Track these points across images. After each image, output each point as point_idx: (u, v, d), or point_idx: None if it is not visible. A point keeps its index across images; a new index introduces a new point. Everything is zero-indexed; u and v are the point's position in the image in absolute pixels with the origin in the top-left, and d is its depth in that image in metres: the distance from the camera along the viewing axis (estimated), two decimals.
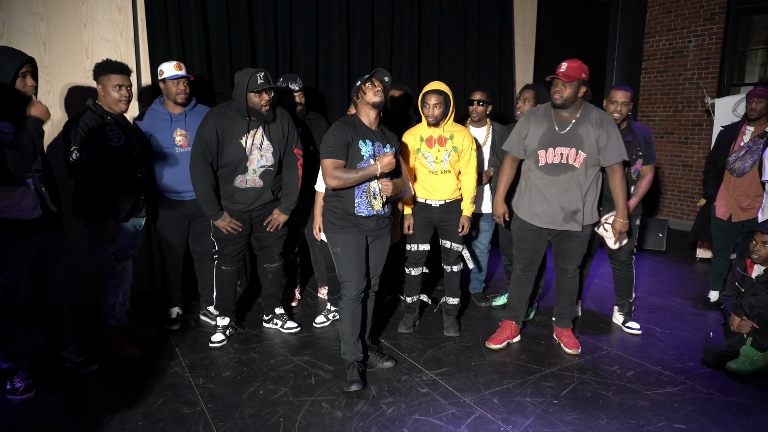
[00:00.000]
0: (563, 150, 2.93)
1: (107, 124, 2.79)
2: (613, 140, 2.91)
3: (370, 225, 2.76)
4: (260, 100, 2.88)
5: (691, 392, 2.70)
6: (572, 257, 3.12)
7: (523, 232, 3.15)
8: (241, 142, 2.94)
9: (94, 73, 2.83)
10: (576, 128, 2.91)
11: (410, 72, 4.90)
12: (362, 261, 2.74)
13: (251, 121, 2.94)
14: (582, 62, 2.88)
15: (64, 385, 2.69)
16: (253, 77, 2.84)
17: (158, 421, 2.38)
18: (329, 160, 2.64)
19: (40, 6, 3.36)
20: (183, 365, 2.91)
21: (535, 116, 3.04)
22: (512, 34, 5.65)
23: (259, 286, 3.54)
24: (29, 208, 2.45)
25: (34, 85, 2.47)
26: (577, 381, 2.80)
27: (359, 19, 4.53)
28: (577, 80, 2.84)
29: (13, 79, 2.38)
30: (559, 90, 2.88)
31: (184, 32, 3.77)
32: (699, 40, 6.38)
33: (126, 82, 2.84)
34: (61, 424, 2.36)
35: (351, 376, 2.73)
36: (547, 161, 2.96)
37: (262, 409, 2.48)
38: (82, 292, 3.57)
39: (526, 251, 3.17)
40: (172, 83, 3.14)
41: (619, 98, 3.20)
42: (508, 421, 2.42)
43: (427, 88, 3.08)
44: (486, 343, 3.25)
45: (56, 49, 3.44)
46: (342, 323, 2.78)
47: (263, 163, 3.03)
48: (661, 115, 6.78)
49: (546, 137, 2.96)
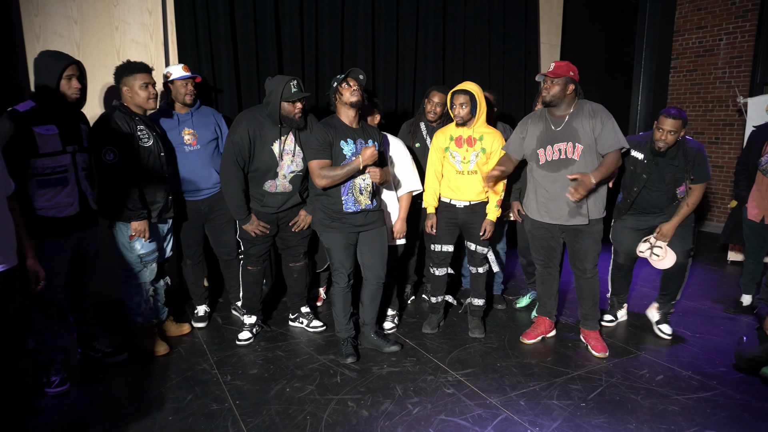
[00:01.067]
0: (560, 145, 2.99)
1: (136, 124, 2.81)
2: (608, 128, 2.93)
3: (359, 220, 2.94)
4: (294, 109, 2.91)
5: (724, 398, 2.64)
6: (587, 256, 3.11)
7: (535, 231, 3.21)
8: (273, 148, 2.97)
9: (116, 75, 2.84)
10: (570, 123, 2.98)
11: (434, 72, 4.89)
12: (351, 255, 3.01)
13: (282, 127, 2.97)
14: (570, 62, 2.97)
15: (96, 379, 2.76)
16: (287, 86, 2.86)
17: (188, 417, 2.42)
18: (315, 161, 2.82)
19: (74, 10, 3.45)
20: (211, 362, 2.95)
21: (532, 118, 3.13)
22: (538, 33, 5.60)
23: (284, 284, 3.57)
24: (65, 205, 2.54)
25: (79, 87, 2.55)
26: (605, 384, 2.77)
27: (384, 20, 4.54)
28: (564, 77, 2.91)
29: (58, 81, 2.46)
30: (547, 87, 2.96)
31: (212, 34, 3.83)
32: (730, 38, 6.23)
33: (152, 80, 2.85)
34: (94, 418, 2.42)
35: (346, 350, 3.02)
36: (547, 159, 3.03)
37: (289, 407, 2.51)
38: (110, 289, 3.65)
39: (541, 249, 3.22)
40: (181, 84, 3.16)
41: (667, 126, 3.02)
42: (535, 424, 2.40)
43: (455, 88, 3.08)
44: (520, 338, 3.30)
45: (89, 51, 3.53)
46: (335, 307, 3.06)
47: (293, 168, 3.05)
48: (691, 114, 6.64)
49: (543, 136, 3.04)
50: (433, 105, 3.52)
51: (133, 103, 2.84)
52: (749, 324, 3.60)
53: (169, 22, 3.76)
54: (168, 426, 2.35)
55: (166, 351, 3.02)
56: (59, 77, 2.47)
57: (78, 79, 2.55)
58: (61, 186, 2.53)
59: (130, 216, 2.76)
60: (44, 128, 2.44)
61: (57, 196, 2.51)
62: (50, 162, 2.48)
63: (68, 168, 2.55)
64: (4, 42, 3.17)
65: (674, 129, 3.00)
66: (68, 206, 2.56)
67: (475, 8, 5.05)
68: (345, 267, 2.97)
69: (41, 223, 2.46)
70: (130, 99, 2.83)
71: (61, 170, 2.52)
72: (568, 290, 4.13)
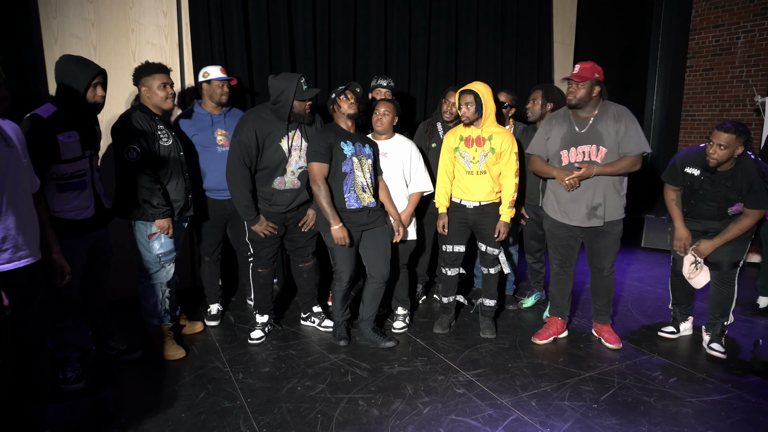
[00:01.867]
0: (584, 148, 2.99)
1: (156, 123, 2.83)
2: (632, 132, 2.94)
3: (362, 219, 3.04)
4: (305, 106, 2.98)
5: (739, 401, 2.61)
6: (606, 255, 3.13)
7: (555, 230, 3.20)
8: (281, 145, 3.00)
9: (134, 76, 2.85)
10: (595, 125, 2.97)
11: (447, 73, 4.88)
12: (353, 254, 3.10)
13: (290, 123, 3.01)
14: (595, 63, 2.94)
15: (110, 377, 2.80)
16: (299, 85, 2.93)
17: (200, 414, 2.44)
18: (316, 163, 2.95)
19: (91, 13, 3.51)
20: (224, 360, 2.98)
21: (556, 119, 3.12)
22: (551, 33, 5.57)
23: (295, 283, 3.58)
24: (83, 208, 2.58)
25: (103, 95, 2.59)
26: (617, 386, 2.74)
27: (396, 19, 4.55)
28: (590, 80, 2.90)
29: (86, 90, 2.50)
30: (573, 90, 2.95)
31: (226, 36, 3.87)
32: (748, 36, 6.14)
33: (169, 80, 2.87)
34: (107, 414, 2.45)
35: (340, 333, 3.23)
36: (570, 161, 3.03)
37: (300, 405, 2.53)
38: (125, 287, 3.71)
39: (560, 248, 3.22)
40: (217, 85, 3.24)
41: (718, 139, 2.82)
42: (546, 425, 2.39)
43: (461, 89, 3.11)
44: (532, 339, 3.29)
45: (105, 52, 3.58)
46: (334, 299, 3.22)
47: (301, 164, 3.08)
48: (707, 114, 6.56)
49: (567, 138, 3.03)
50: (449, 105, 3.53)
51: (151, 103, 2.85)
52: (766, 327, 3.55)
53: (184, 24, 3.80)
54: (180, 423, 2.38)
55: (182, 356, 3.00)
56: (87, 86, 2.50)
57: (102, 86, 2.58)
58: (80, 190, 2.57)
59: (154, 214, 2.76)
60: (66, 135, 2.47)
61: (76, 200, 2.55)
62: (71, 167, 2.52)
63: (86, 172, 2.60)
64: (24, 45, 3.23)
65: (726, 144, 2.79)
66: (86, 209, 2.60)
67: (487, 8, 5.04)
68: (347, 266, 3.07)
69: (59, 225, 2.50)
70: (148, 99, 2.85)
71: (80, 174, 2.56)
72: (581, 291, 4.10)
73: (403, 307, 3.52)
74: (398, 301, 3.52)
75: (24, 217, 1.86)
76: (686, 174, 3.04)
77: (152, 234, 2.84)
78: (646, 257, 5.41)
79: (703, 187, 2.99)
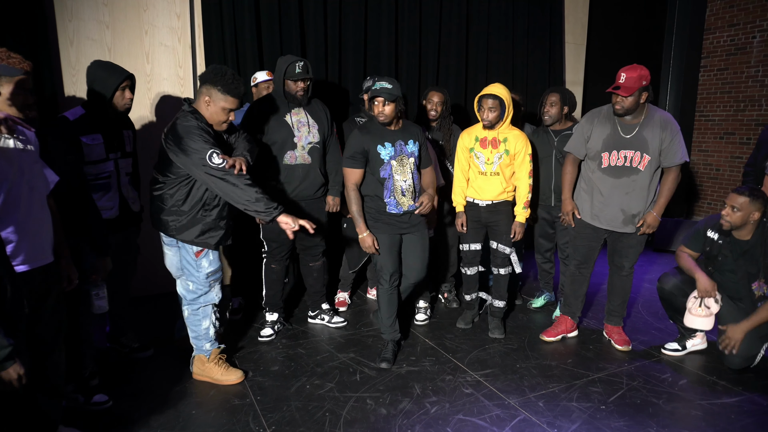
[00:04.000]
0: (627, 153, 2.94)
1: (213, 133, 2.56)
2: (676, 142, 2.91)
3: (403, 221, 2.94)
4: (296, 87, 3.07)
5: (749, 404, 2.59)
6: (629, 255, 3.13)
7: (580, 230, 3.19)
8: (286, 120, 3.10)
9: (205, 76, 2.51)
10: (641, 132, 2.92)
11: (458, 72, 4.88)
12: (395, 254, 2.97)
13: (289, 103, 3.12)
14: (641, 67, 2.84)
15: (123, 373, 2.84)
16: (291, 65, 3.03)
17: (210, 411, 2.48)
18: (347, 169, 2.88)
19: (106, 15, 3.57)
20: (234, 358, 3.02)
21: (599, 118, 3.06)
22: (562, 33, 5.54)
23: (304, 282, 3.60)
24: (106, 209, 2.63)
25: (131, 97, 2.65)
26: (626, 387, 2.74)
27: (407, 20, 4.56)
28: (638, 89, 2.82)
29: (113, 94, 2.55)
30: (620, 101, 2.88)
31: (238, 37, 3.91)
32: (764, 35, 6.05)
33: (237, 107, 2.56)
34: (119, 410, 2.50)
35: (385, 353, 3.01)
36: (611, 163, 2.99)
37: (309, 403, 2.55)
38: (136, 286, 3.76)
39: (582, 248, 3.21)
40: (264, 86, 3.58)
41: (731, 201, 2.77)
42: (554, 425, 2.39)
43: (484, 91, 3.08)
44: (540, 336, 3.31)
45: (120, 54, 3.64)
46: (380, 307, 3.01)
47: (311, 139, 3.16)
48: (721, 114, 6.48)
49: (610, 140, 2.98)
50: (433, 105, 3.54)
51: (207, 115, 2.53)
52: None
53: (197, 26, 3.85)
54: (191, 419, 2.42)
55: (240, 380, 2.75)
56: (115, 90, 2.55)
57: (130, 89, 2.63)
58: (104, 191, 2.63)
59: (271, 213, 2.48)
60: (90, 137, 2.53)
61: (99, 201, 2.59)
62: (94, 169, 2.57)
63: (111, 174, 2.65)
64: (40, 47, 3.29)
65: (740, 207, 2.73)
66: (108, 210, 2.65)
67: (498, 8, 5.03)
68: (388, 267, 2.91)
69: None
70: (205, 110, 2.52)
71: (104, 177, 2.62)
72: (593, 293, 4.08)
73: (425, 301, 3.62)
74: (420, 295, 3.59)
75: (39, 219, 1.91)
76: (707, 238, 2.97)
77: (199, 251, 2.62)
78: (658, 259, 5.37)
79: (722, 253, 2.91)
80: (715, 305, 2.89)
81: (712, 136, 6.53)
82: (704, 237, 2.99)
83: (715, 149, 6.52)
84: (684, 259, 3.01)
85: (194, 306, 2.71)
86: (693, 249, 3.04)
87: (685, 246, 3.07)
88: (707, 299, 2.89)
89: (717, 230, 2.93)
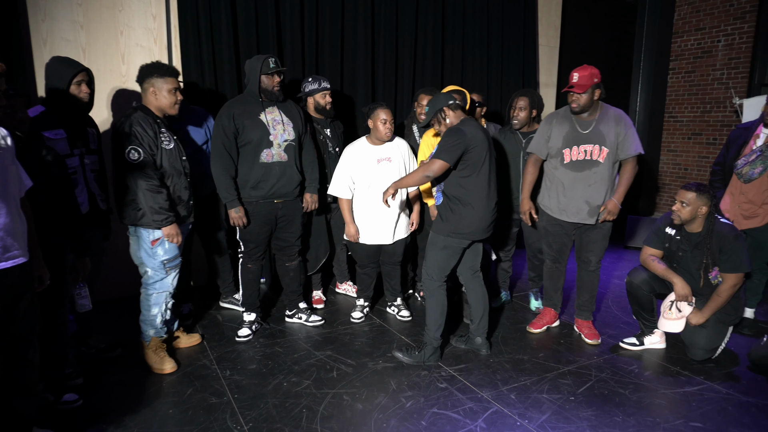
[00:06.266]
0: (587, 147, 3.09)
1: (159, 126, 2.73)
2: (630, 135, 3.07)
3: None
4: (272, 82, 3.11)
5: (710, 392, 2.71)
6: (594, 249, 3.26)
7: (550, 227, 3.32)
8: (261, 119, 3.12)
9: (140, 74, 2.72)
10: (598, 126, 3.09)
11: (434, 74, 4.96)
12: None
13: (264, 101, 3.14)
14: (591, 67, 3.02)
15: (98, 373, 2.84)
16: (266, 62, 3.09)
17: (188, 410, 2.50)
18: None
19: (81, 15, 3.55)
20: (211, 358, 3.03)
21: (557, 118, 3.21)
22: (536, 35, 5.67)
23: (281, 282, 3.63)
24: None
25: (88, 92, 2.64)
26: (594, 379, 2.83)
27: (384, 23, 4.62)
28: (590, 87, 2.99)
29: (68, 86, 2.56)
30: (575, 99, 3.05)
31: (215, 39, 3.92)
32: (729, 40, 6.27)
33: (179, 85, 2.79)
34: (95, 411, 2.50)
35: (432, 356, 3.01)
36: (572, 159, 3.13)
37: (286, 400, 2.59)
38: (108, 289, 3.75)
39: (554, 244, 3.34)
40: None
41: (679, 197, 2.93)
42: (525, 416, 2.47)
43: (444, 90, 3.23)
44: (527, 328, 3.48)
45: (95, 55, 3.63)
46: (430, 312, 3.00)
47: (286, 137, 3.19)
48: (689, 116, 6.68)
49: (569, 136, 3.13)
50: (422, 108, 3.62)
51: (156, 106, 2.75)
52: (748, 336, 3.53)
53: (173, 27, 3.85)
54: (168, 418, 2.43)
55: (172, 370, 2.86)
56: (69, 83, 2.56)
57: (87, 84, 2.64)
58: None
59: (158, 221, 2.65)
60: (53, 132, 2.54)
61: None
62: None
63: (77, 170, 2.65)
64: (13, 47, 3.27)
65: (688, 202, 2.89)
66: (80, 205, 2.64)
67: (473, 11, 5.12)
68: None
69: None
70: (154, 101, 2.73)
71: (70, 172, 2.61)
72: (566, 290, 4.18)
73: (400, 297, 3.78)
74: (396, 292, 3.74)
75: (13, 218, 1.92)
76: (666, 234, 3.10)
77: (155, 239, 2.73)
78: (627, 255, 5.52)
79: (681, 248, 3.03)
80: (688, 308, 3.00)
81: (681, 136, 6.74)
82: (663, 234, 3.11)
83: (683, 149, 6.72)
84: (654, 265, 3.07)
85: (148, 291, 2.83)
86: (655, 247, 3.15)
87: (647, 245, 3.18)
88: (680, 302, 3.00)
89: (673, 226, 3.07)
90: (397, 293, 3.71)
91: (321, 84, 3.54)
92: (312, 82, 3.55)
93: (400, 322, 3.60)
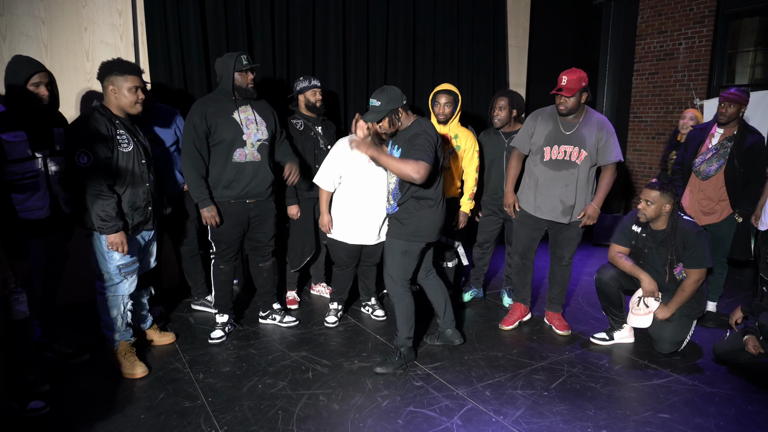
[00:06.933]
0: (567, 148, 3.15)
1: (116, 128, 2.64)
2: (611, 142, 3.14)
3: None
4: (245, 80, 3.06)
5: (677, 384, 2.79)
6: (568, 246, 3.34)
7: (523, 221, 3.37)
8: (234, 117, 3.07)
9: (100, 72, 2.65)
10: (580, 129, 3.15)
11: (405, 73, 4.98)
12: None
13: (237, 99, 3.09)
14: (580, 71, 3.08)
15: (67, 379, 2.75)
16: (238, 59, 3.04)
17: (160, 414, 2.45)
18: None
19: (42, 10, 3.43)
20: (183, 361, 2.98)
21: (542, 116, 3.27)
22: (506, 36, 5.75)
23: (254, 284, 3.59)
24: (36, 208, 2.52)
25: (47, 94, 2.51)
26: (566, 374, 2.89)
27: (355, 21, 4.61)
28: (579, 90, 3.05)
29: (24, 86, 2.44)
30: (563, 102, 3.10)
31: (183, 36, 3.84)
32: (689, 43, 6.48)
33: (142, 83, 2.71)
34: (65, 417, 2.43)
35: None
36: (552, 157, 3.19)
37: (261, 403, 2.56)
38: (75, 292, 3.64)
39: (523, 239, 3.39)
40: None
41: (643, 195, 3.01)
42: (500, 412, 2.50)
43: (438, 88, 3.32)
44: (500, 326, 3.50)
45: (57, 52, 3.51)
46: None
47: (260, 136, 3.14)
48: (653, 116, 6.88)
49: (552, 135, 3.19)
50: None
51: (117, 105, 2.67)
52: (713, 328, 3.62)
53: (139, 23, 3.76)
54: (140, 424, 2.38)
55: (143, 374, 2.80)
56: (26, 82, 2.44)
57: (46, 86, 2.50)
58: (32, 191, 2.49)
59: (102, 228, 2.59)
60: (12, 135, 2.40)
61: (27, 201, 2.48)
62: (18, 168, 2.43)
63: (39, 173, 2.51)
64: None
65: (652, 200, 2.97)
66: (39, 209, 2.53)
67: (444, 11, 5.16)
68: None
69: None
70: (114, 100, 2.66)
71: (31, 176, 2.48)
72: (536, 286, 4.26)
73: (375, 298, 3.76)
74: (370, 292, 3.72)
75: None
76: (633, 232, 3.18)
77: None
78: (597, 252, 5.65)
79: (647, 245, 3.11)
80: (655, 303, 3.09)
81: (645, 136, 6.93)
82: (630, 232, 3.20)
83: (648, 149, 6.91)
84: (622, 262, 3.15)
85: (105, 294, 2.77)
86: (622, 244, 3.23)
87: (615, 243, 3.26)
88: (647, 298, 3.09)
89: (639, 224, 3.15)
90: (372, 293, 3.71)
91: (311, 82, 3.58)
92: (303, 80, 3.60)
93: (375, 322, 3.60)
